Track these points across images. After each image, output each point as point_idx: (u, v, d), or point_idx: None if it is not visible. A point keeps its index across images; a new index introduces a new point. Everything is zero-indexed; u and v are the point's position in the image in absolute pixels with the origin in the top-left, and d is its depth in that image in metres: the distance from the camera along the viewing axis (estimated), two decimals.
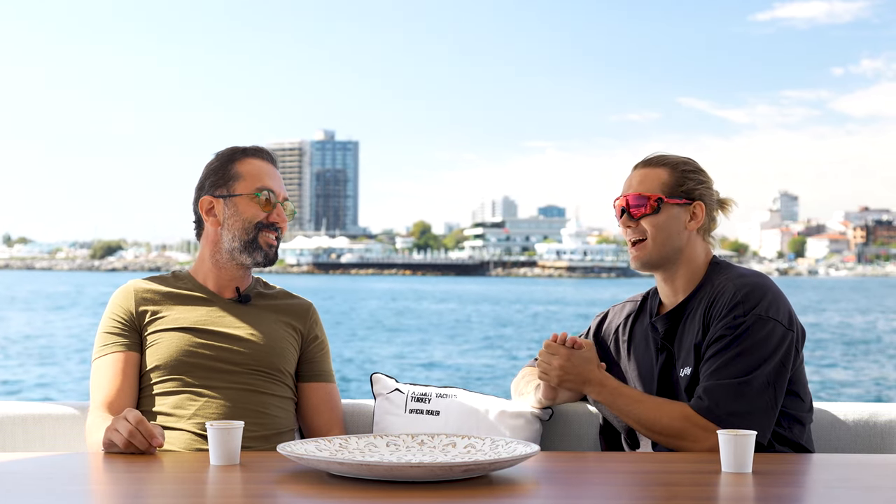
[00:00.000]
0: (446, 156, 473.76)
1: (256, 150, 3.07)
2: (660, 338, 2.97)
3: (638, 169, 3.00)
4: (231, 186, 3.01)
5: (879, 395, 22.05)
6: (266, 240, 3.01)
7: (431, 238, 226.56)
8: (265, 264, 3.03)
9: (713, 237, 3.02)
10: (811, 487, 2.36)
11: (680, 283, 2.96)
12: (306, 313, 3.15)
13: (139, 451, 2.54)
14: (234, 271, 3.05)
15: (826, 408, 3.18)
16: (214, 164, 3.07)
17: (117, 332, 2.98)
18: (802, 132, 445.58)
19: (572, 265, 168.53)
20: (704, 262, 2.98)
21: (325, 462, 2.22)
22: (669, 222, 2.93)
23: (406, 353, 30.81)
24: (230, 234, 3.00)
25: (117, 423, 2.56)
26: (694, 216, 2.95)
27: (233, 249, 3.01)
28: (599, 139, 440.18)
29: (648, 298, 3.11)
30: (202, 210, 3.05)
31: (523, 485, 2.23)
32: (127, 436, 2.52)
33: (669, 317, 2.95)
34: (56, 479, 2.32)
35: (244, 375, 2.95)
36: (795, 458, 2.67)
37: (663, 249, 2.93)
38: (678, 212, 2.94)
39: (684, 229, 2.94)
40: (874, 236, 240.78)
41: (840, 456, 2.83)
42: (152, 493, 2.25)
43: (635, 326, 3.09)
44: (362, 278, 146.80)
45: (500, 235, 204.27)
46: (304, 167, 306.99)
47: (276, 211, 3.01)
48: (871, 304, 69.37)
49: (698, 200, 2.95)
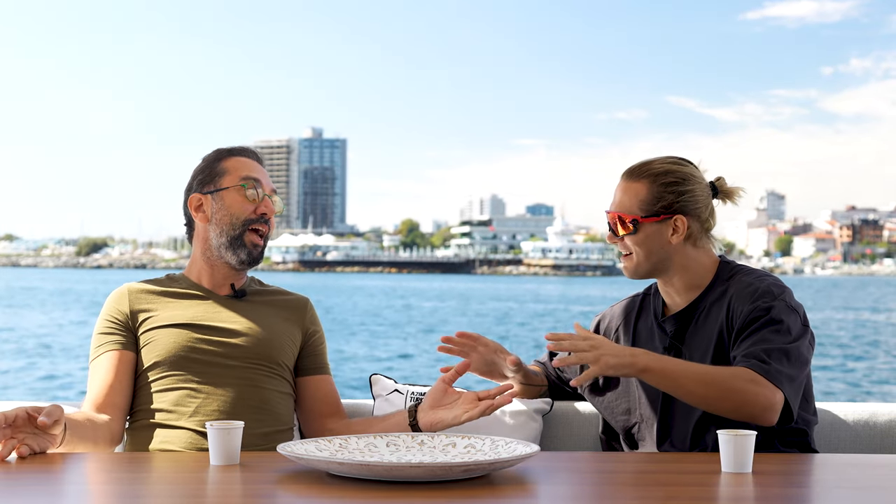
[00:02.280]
0: (435, 154, 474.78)
1: (242, 150, 3.10)
2: (669, 338, 2.97)
3: (622, 181, 3.01)
4: (217, 182, 3.03)
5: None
6: (251, 239, 3.01)
7: (419, 236, 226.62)
8: (250, 264, 3.02)
9: (712, 237, 3.01)
10: (811, 487, 2.36)
11: (680, 287, 2.97)
12: (304, 309, 3.15)
13: (36, 451, 2.49)
14: (226, 269, 3.05)
15: (826, 408, 3.19)
16: (201, 165, 3.09)
17: (111, 331, 2.98)
18: (791, 131, 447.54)
19: (557, 263, 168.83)
20: (708, 265, 2.98)
21: (325, 462, 2.21)
22: (649, 240, 2.93)
23: (405, 353, 30.78)
24: (218, 228, 3.01)
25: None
26: (675, 230, 2.93)
27: (220, 245, 3.01)
28: (588, 138, 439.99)
29: (650, 296, 3.11)
30: (191, 208, 3.05)
31: (523, 485, 2.23)
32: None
33: (679, 317, 2.96)
34: (56, 479, 2.31)
35: (244, 370, 2.94)
36: (795, 458, 2.67)
37: (648, 263, 2.95)
38: (657, 228, 2.93)
39: (667, 243, 2.93)
40: (860, 235, 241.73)
41: (840, 456, 2.84)
42: (152, 493, 2.24)
43: (639, 324, 3.09)
44: (347, 276, 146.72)
45: (486, 234, 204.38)
46: (292, 165, 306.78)
47: (263, 203, 3.02)
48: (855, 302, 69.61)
49: (678, 214, 2.93)
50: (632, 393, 3.04)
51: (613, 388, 3.09)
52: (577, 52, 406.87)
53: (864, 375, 25.36)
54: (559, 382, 3.28)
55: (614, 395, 3.08)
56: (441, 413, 2.85)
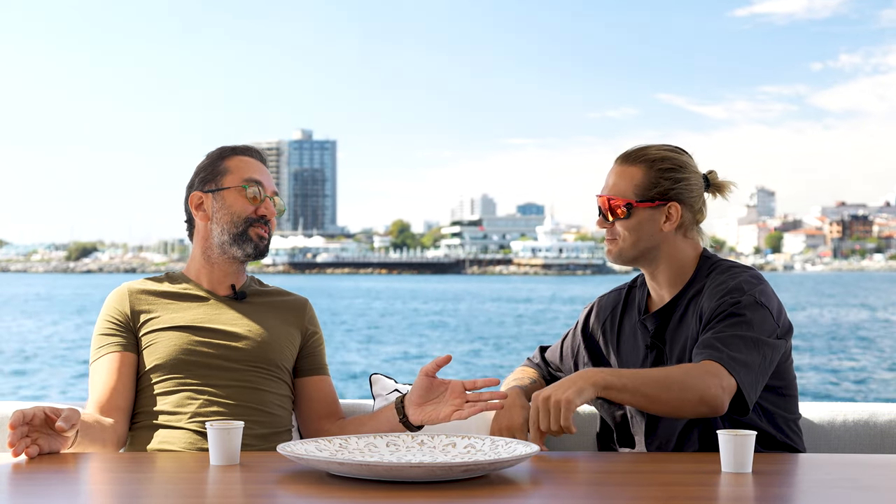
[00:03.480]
0: (425, 154, 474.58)
1: (246, 149, 3.10)
2: (650, 336, 2.95)
3: (616, 165, 2.97)
4: (219, 181, 3.03)
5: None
6: (257, 232, 3.01)
7: (409, 237, 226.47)
8: (256, 256, 3.02)
9: (701, 230, 2.99)
10: (811, 487, 2.36)
11: (663, 279, 2.95)
12: (303, 310, 3.15)
13: (46, 451, 2.49)
14: (226, 267, 3.04)
15: (826, 408, 3.19)
16: (204, 163, 3.09)
17: (112, 332, 2.97)
18: (780, 127, 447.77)
19: (547, 262, 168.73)
20: (692, 258, 2.95)
21: (325, 462, 2.21)
22: (641, 225, 2.91)
23: (402, 352, 30.77)
24: (219, 227, 3.00)
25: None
26: (669, 217, 2.91)
27: (223, 243, 3.01)
28: (579, 136, 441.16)
29: (636, 288, 3.08)
30: (192, 206, 3.05)
31: (523, 485, 2.23)
32: (9, 446, 2.45)
33: (660, 315, 2.94)
34: (56, 479, 2.30)
35: (243, 372, 2.94)
36: (795, 458, 2.67)
37: (634, 249, 2.92)
38: (650, 214, 2.90)
39: (659, 230, 2.91)
40: (850, 231, 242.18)
41: (840, 456, 2.84)
42: (152, 493, 2.24)
43: (623, 320, 3.06)
44: (338, 277, 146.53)
45: (476, 234, 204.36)
46: (282, 167, 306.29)
47: (264, 204, 3.02)
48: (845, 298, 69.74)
49: (673, 201, 2.91)
50: None
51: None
52: (567, 50, 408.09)
53: (853, 373, 25.38)
54: (554, 381, 3.26)
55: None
56: (429, 411, 2.81)
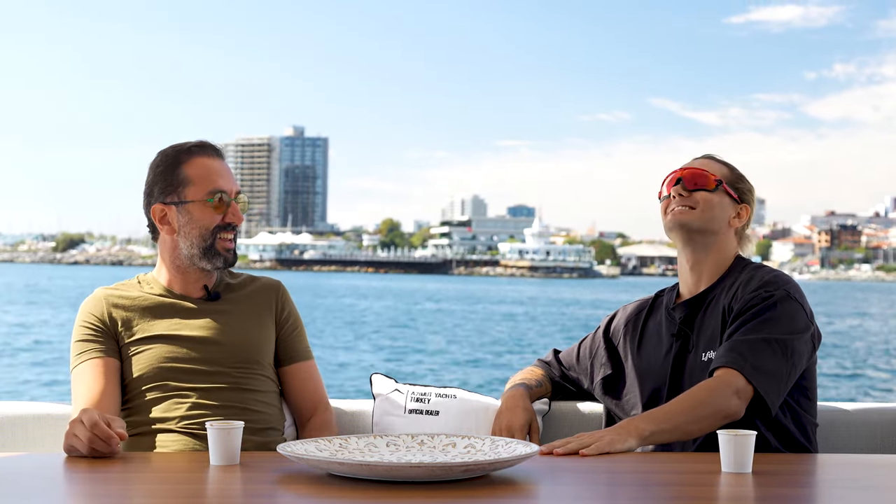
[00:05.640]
0: (417, 154, 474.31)
1: (201, 147, 2.99)
2: (677, 325, 3.02)
3: (702, 159, 3.12)
4: (181, 193, 2.95)
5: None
6: (223, 245, 2.97)
7: (398, 236, 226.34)
8: (225, 267, 3.01)
9: (748, 237, 3.13)
10: (812, 487, 2.37)
11: (706, 269, 3.04)
12: (276, 293, 3.13)
13: (103, 454, 2.48)
14: (197, 273, 3.02)
15: (827, 407, 3.20)
16: (160, 168, 2.98)
17: (92, 338, 2.94)
18: (774, 135, 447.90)
19: (534, 265, 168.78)
20: (731, 257, 3.08)
21: (325, 462, 2.21)
22: (720, 206, 3.04)
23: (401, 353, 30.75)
24: (188, 241, 2.96)
25: (75, 427, 2.49)
26: (739, 215, 3.08)
27: (192, 255, 2.97)
28: (571, 139, 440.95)
29: (664, 294, 3.17)
30: (155, 218, 2.99)
31: (523, 485, 2.23)
32: (87, 443, 2.46)
33: (689, 304, 3.02)
34: (55, 479, 2.30)
35: (225, 375, 2.93)
36: (795, 458, 2.69)
37: (704, 223, 3.02)
38: (729, 202, 3.06)
39: (727, 221, 3.06)
40: (839, 241, 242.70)
41: (841, 456, 2.86)
42: (152, 494, 2.23)
43: (648, 321, 3.15)
44: (325, 275, 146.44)
45: (465, 234, 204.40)
46: (273, 163, 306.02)
47: (230, 210, 2.97)
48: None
49: (746, 203, 3.09)
50: (638, 387, 3.06)
51: (628, 386, 3.11)
52: (560, 53, 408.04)
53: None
54: (564, 381, 3.30)
55: (626, 392, 3.11)
56: None
